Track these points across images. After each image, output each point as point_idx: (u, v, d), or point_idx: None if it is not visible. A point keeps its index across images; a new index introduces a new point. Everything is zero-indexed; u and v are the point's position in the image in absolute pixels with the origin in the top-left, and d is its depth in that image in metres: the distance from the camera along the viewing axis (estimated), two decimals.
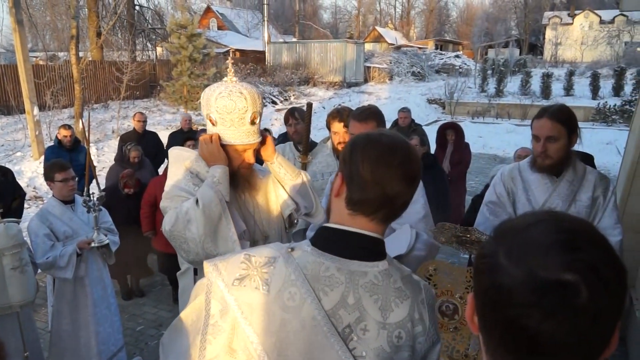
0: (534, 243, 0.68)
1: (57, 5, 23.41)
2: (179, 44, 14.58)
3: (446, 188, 5.07)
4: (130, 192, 5.12)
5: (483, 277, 0.72)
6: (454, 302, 1.62)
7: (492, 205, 2.56)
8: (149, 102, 17.90)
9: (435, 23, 62.55)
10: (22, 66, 10.37)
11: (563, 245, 0.66)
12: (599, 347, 0.67)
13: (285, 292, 1.09)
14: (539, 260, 0.65)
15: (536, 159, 2.38)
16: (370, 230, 1.15)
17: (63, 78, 15.10)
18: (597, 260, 0.65)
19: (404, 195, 1.14)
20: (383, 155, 1.11)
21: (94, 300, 3.47)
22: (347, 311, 1.09)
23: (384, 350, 1.09)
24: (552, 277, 0.64)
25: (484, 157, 12.88)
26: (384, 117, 2.47)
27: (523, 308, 0.65)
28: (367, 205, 1.13)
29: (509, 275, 0.67)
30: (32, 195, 8.93)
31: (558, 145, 2.28)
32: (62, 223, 3.36)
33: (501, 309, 0.68)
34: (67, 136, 6.28)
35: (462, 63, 31.22)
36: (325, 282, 1.09)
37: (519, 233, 0.71)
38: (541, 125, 2.29)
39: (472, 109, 20.44)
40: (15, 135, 12.66)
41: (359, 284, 1.10)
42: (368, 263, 1.13)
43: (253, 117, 1.94)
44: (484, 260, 0.73)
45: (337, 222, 1.17)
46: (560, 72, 25.65)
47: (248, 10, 43.48)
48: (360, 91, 22.88)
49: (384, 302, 1.11)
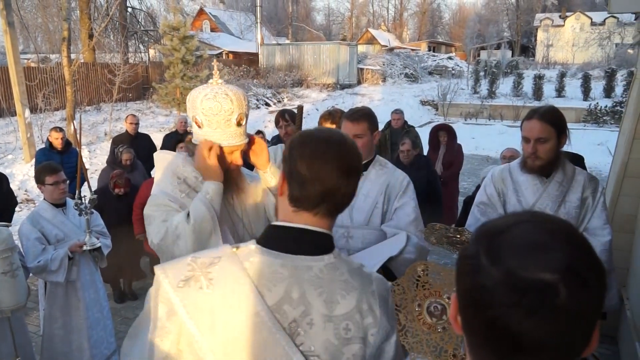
0: (514, 244, 0.69)
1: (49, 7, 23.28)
2: (171, 46, 14.53)
3: (438, 189, 5.09)
4: (120, 192, 5.09)
5: (465, 278, 0.73)
6: (442, 303, 1.63)
7: (483, 206, 2.58)
8: (141, 104, 17.84)
9: (428, 25, 62.79)
10: (13, 68, 10.31)
11: (542, 245, 0.67)
12: (579, 346, 0.69)
13: (229, 290, 1.10)
14: (518, 261, 0.66)
15: (526, 160, 2.39)
16: (314, 225, 1.16)
17: (55, 80, 15.01)
18: (576, 261, 0.66)
19: (344, 187, 1.14)
20: (317, 150, 1.13)
21: (86, 303, 3.45)
22: (292, 306, 1.09)
23: (331, 343, 1.09)
24: (531, 277, 0.65)
25: (477, 158, 12.94)
26: (376, 118, 2.49)
27: (504, 308, 0.66)
28: (308, 200, 1.14)
29: (489, 276, 0.68)
30: (23, 199, 8.87)
31: (548, 147, 2.29)
32: (53, 226, 3.34)
33: (483, 310, 0.68)
34: (58, 139, 6.24)
35: (455, 65, 31.36)
36: (269, 279, 1.10)
37: (499, 234, 0.71)
38: (531, 126, 2.30)
39: (465, 111, 20.55)
40: (6, 138, 12.56)
41: (304, 278, 1.11)
42: (313, 257, 1.13)
43: (239, 119, 1.93)
44: (466, 262, 0.74)
45: (283, 220, 1.19)
46: (552, 73, 25.82)
47: (241, 12, 43.47)
48: (354, 93, 22.92)
49: (329, 295, 1.11)
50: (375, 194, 2.46)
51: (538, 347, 0.66)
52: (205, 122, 1.91)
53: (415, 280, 1.68)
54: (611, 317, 4.02)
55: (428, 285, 1.65)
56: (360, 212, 2.47)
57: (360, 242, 2.45)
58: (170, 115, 16.01)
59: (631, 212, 4.16)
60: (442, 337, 1.57)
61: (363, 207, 2.47)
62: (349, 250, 2.48)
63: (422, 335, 1.59)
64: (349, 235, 2.49)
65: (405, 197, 2.44)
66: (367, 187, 2.49)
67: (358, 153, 1.19)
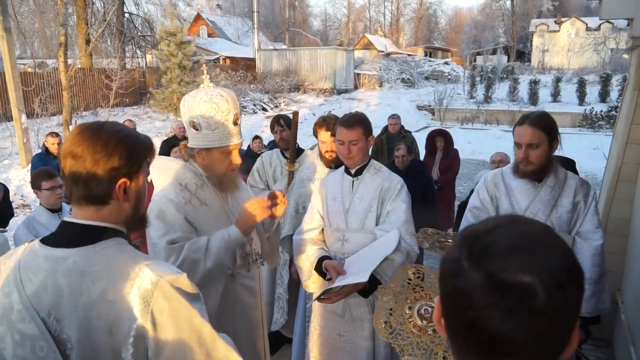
0: (494, 247, 0.70)
1: (46, 13, 23.30)
2: (168, 52, 14.56)
3: (434, 194, 5.10)
4: None
5: (447, 280, 0.74)
6: (432, 306, 1.64)
7: (476, 211, 2.60)
8: (138, 109, 17.83)
9: (425, 30, 63.07)
10: (10, 74, 10.30)
11: (520, 248, 0.69)
12: (558, 346, 0.70)
13: (4, 280, 1.20)
14: (497, 264, 0.68)
15: (518, 165, 2.42)
16: (77, 217, 1.24)
17: (51, 85, 15.00)
18: (553, 263, 0.68)
19: (85, 175, 1.19)
20: (65, 144, 1.22)
21: None
22: (47, 296, 1.15)
23: (85, 332, 1.13)
24: (509, 279, 0.66)
25: (473, 163, 12.99)
26: (370, 123, 2.51)
27: (483, 310, 0.67)
28: (70, 193, 1.24)
29: (469, 279, 0.69)
30: (19, 204, 8.85)
31: (539, 152, 2.32)
32: (49, 231, 3.31)
33: (463, 312, 0.70)
34: (54, 144, 6.24)
35: (451, 70, 31.50)
36: (32, 270, 1.18)
37: (479, 237, 0.73)
38: (522, 132, 2.32)
39: (461, 115, 20.62)
40: (2, 143, 12.54)
41: (59, 269, 1.16)
42: (70, 250, 1.19)
43: (235, 118, 2.03)
44: (448, 265, 0.75)
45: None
46: (548, 78, 25.94)
47: (238, 17, 43.57)
48: (350, 98, 22.98)
49: (79, 285, 1.15)
50: (370, 198, 2.48)
51: (517, 349, 0.67)
52: (204, 124, 1.97)
53: (406, 283, 1.69)
54: (606, 321, 4.03)
55: (419, 288, 1.67)
56: (355, 215, 2.49)
57: (355, 245, 2.47)
58: (167, 120, 16.02)
59: (625, 216, 4.19)
60: (433, 340, 1.58)
61: (358, 211, 2.49)
62: (344, 253, 2.50)
63: (412, 338, 1.60)
64: (344, 238, 2.50)
65: (398, 200, 2.45)
66: (362, 191, 2.51)
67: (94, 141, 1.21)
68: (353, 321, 2.52)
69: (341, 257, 2.52)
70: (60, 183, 3.38)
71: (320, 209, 2.63)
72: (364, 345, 2.50)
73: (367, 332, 2.50)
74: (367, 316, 2.49)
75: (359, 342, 2.51)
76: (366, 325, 2.49)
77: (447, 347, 1.56)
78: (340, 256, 2.53)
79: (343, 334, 2.55)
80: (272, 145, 5.22)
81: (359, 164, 2.53)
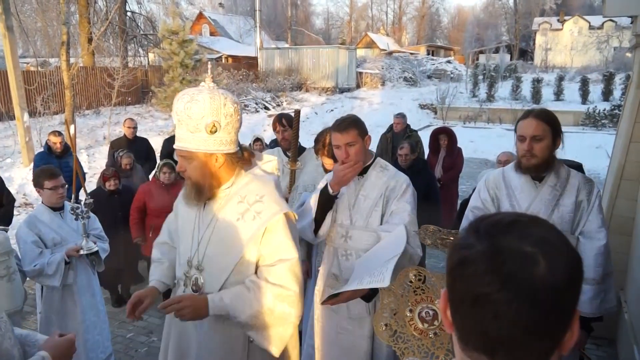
0: (498, 223, 0.75)
1: (48, 11, 23.31)
2: (170, 50, 14.54)
3: (437, 192, 5.10)
4: (111, 185, 4.98)
5: (453, 256, 0.77)
6: (433, 309, 1.63)
7: (477, 211, 2.59)
8: (140, 108, 17.85)
9: (427, 29, 62.93)
10: (12, 72, 10.32)
11: (524, 223, 0.74)
12: (559, 328, 0.71)
13: None
14: (501, 235, 0.72)
15: (521, 159, 2.39)
16: None
17: (54, 84, 15.02)
18: (555, 238, 0.72)
19: None
20: None
21: (83, 307, 3.44)
22: None
23: None
24: (512, 247, 0.70)
25: (475, 162, 12.96)
26: (364, 125, 2.48)
27: (484, 276, 0.69)
28: None
29: (474, 249, 0.73)
30: (22, 202, 8.86)
31: (543, 145, 2.30)
32: (51, 230, 3.33)
33: (467, 281, 0.72)
34: (56, 143, 6.24)
35: (454, 68, 31.43)
36: None
37: (486, 218, 0.78)
38: (526, 124, 2.31)
39: (464, 114, 20.56)
40: (5, 142, 12.57)
41: None
42: None
43: (212, 127, 1.82)
44: (455, 245, 0.79)
45: None
46: (551, 77, 25.86)
47: (240, 16, 43.57)
48: (353, 97, 22.95)
49: None
50: (375, 196, 2.47)
51: (517, 319, 0.68)
52: (177, 122, 1.86)
53: (407, 286, 1.68)
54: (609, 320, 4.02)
55: (420, 291, 1.65)
56: (360, 213, 2.48)
57: (358, 242, 2.46)
58: (169, 118, 16.01)
59: (629, 215, 4.17)
60: (434, 343, 1.57)
61: (363, 208, 2.48)
62: (346, 249, 2.49)
63: (413, 341, 1.59)
64: (348, 235, 2.50)
65: (402, 200, 2.44)
66: (367, 189, 2.50)
67: None
68: (351, 319, 2.52)
69: (343, 253, 2.52)
70: (63, 182, 3.37)
71: None
72: (362, 344, 2.50)
73: (366, 332, 2.49)
74: (365, 315, 2.48)
75: (357, 340, 2.51)
76: (366, 324, 2.49)
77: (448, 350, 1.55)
78: (342, 252, 2.52)
79: (341, 331, 2.55)
80: (274, 144, 5.19)
81: (363, 162, 2.51)
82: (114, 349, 4.29)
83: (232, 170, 1.96)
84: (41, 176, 3.32)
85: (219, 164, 1.90)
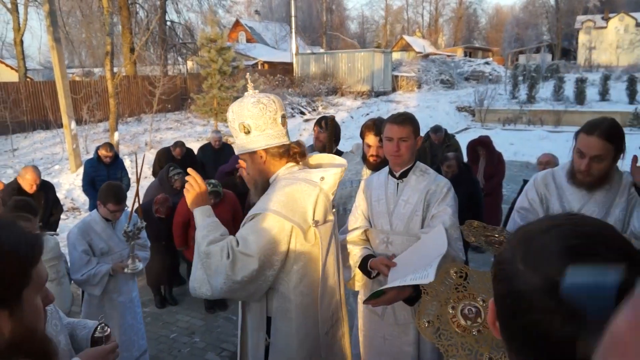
0: (551, 249, 0.67)
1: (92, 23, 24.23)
2: (209, 58, 14.84)
3: (480, 198, 4.99)
4: (162, 216, 5.21)
5: (501, 283, 0.72)
6: (476, 305, 1.59)
7: (524, 212, 2.49)
8: (180, 114, 18.28)
9: (464, 30, 62.00)
10: (60, 82, 10.75)
11: (580, 251, 0.65)
12: None
13: None
14: (556, 267, 0.65)
15: (576, 174, 2.27)
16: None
17: (98, 93, 15.59)
18: (620, 256, 0.64)
19: None
20: None
21: (120, 310, 3.54)
22: None
23: None
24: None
25: (516, 165, 12.63)
26: (418, 124, 2.47)
27: (543, 314, 0.65)
28: None
29: (526, 282, 0.67)
30: (69, 207, 9.21)
31: (603, 165, 2.18)
32: (101, 240, 3.44)
33: (521, 316, 0.67)
34: (107, 157, 6.45)
35: (492, 70, 30.81)
36: None
37: (535, 238, 0.70)
38: (590, 143, 2.15)
39: (503, 116, 20.11)
40: (53, 149, 13.11)
41: None
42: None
43: (283, 120, 2.05)
44: (501, 267, 0.73)
45: None
46: (595, 76, 25.01)
47: (276, 22, 44.07)
48: (388, 100, 22.82)
49: None
50: (415, 200, 2.43)
51: (579, 355, 0.63)
52: (253, 125, 1.98)
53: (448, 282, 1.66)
54: None
55: (461, 288, 1.62)
56: (400, 218, 2.45)
57: (399, 248, 2.43)
58: (207, 125, 16.34)
59: None
60: (477, 340, 1.53)
61: (403, 213, 2.44)
62: (387, 255, 2.47)
63: (456, 338, 1.56)
64: (389, 240, 2.47)
65: (443, 204, 2.39)
66: (407, 193, 2.46)
67: None
68: (397, 325, 2.48)
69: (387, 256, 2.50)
70: (123, 208, 3.47)
71: (365, 210, 2.60)
72: (408, 351, 2.46)
73: (411, 337, 2.45)
74: (410, 320, 2.44)
75: (403, 347, 2.47)
76: (410, 330, 2.45)
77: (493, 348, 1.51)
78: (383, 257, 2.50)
79: (387, 337, 2.52)
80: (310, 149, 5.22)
81: (406, 164, 2.48)
82: (157, 349, 4.41)
83: (276, 165, 2.06)
84: (108, 197, 3.37)
85: (263, 160, 2.04)
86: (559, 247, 0.67)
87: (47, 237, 3.22)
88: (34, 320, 1.01)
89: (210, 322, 4.96)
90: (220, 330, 4.80)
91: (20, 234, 1.01)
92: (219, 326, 4.87)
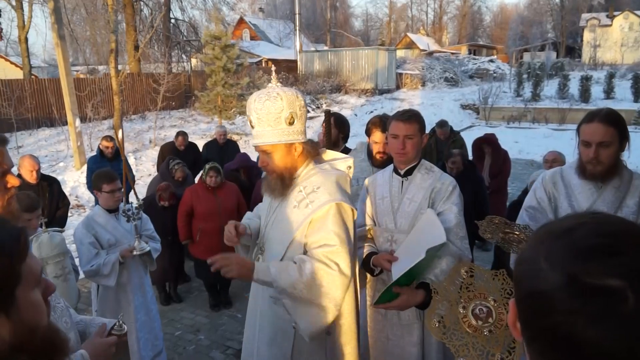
0: (575, 248, 0.65)
1: (97, 21, 24.28)
2: (213, 55, 14.83)
3: (485, 196, 4.97)
4: (165, 204, 5.19)
5: (523, 283, 0.70)
6: (487, 305, 1.58)
7: (532, 211, 2.47)
8: (184, 112, 18.30)
9: (468, 28, 61.77)
10: (65, 80, 10.77)
11: (606, 249, 0.64)
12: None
13: None
14: (581, 266, 0.63)
15: (586, 165, 2.25)
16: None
17: (103, 90, 15.62)
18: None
19: None
20: None
21: (135, 306, 3.54)
22: None
23: None
24: (596, 283, 0.61)
25: (520, 163, 12.59)
26: (424, 122, 2.45)
27: (566, 315, 0.63)
28: None
29: (550, 282, 0.65)
30: (74, 204, 9.23)
31: (610, 151, 2.16)
32: (106, 232, 3.44)
33: (543, 316, 0.66)
34: (108, 147, 6.47)
35: (497, 67, 30.71)
36: None
37: (559, 237, 0.68)
38: (593, 130, 2.16)
39: (508, 114, 20.02)
40: (58, 147, 13.15)
41: None
42: None
43: (290, 118, 2.01)
44: (523, 267, 0.71)
45: None
46: (600, 74, 24.86)
47: (280, 20, 44.02)
48: (392, 98, 22.77)
49: None
50: (420, 199, 2.41)
51: (604, 356, 0.62)
52: (256, 121, 2.01)
53: (459, 282, 1.64)
54: None
55: (472, 287, 1.61)
56: (405, 216, 2.42)
57: None
58: (211, 122, 16.35)
59: None
60: (489, 340, 1.52)
61: (408, 212, 2.42)
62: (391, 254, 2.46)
63: (467, 338, 1.55)
64: (393, 239, 2.45)
65: (449, 202, 2.37)
66: (412, 191, 2.44)
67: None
68: (401, 325, 2.47)
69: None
70: (120, 186, 3.48)
71: (369, 208, 2.59)
72: (412, 351, 2.44)
73: (415, 338, 2.43)
74: (415, 321, 2.42)
75: (407, 347, 2.46)
76: (415, 330, 2.43)
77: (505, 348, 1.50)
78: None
79: (391, 337, 2.50)
80: None
81: (411, 162, 2.46)
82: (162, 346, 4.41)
83: (304, 160, 2.13)
84: (100, 179, 3.39)
85: (297, 153, 2.08)
86: (583, 246, 0.65)
87: (53, 233, 3.22)
88: (35, 316, 0.97)
89: (215, 319, 4.97)
90: (225, 328, 4.80)
91: (1, 228, 0.94)
92: (223, 324, 4.88)
